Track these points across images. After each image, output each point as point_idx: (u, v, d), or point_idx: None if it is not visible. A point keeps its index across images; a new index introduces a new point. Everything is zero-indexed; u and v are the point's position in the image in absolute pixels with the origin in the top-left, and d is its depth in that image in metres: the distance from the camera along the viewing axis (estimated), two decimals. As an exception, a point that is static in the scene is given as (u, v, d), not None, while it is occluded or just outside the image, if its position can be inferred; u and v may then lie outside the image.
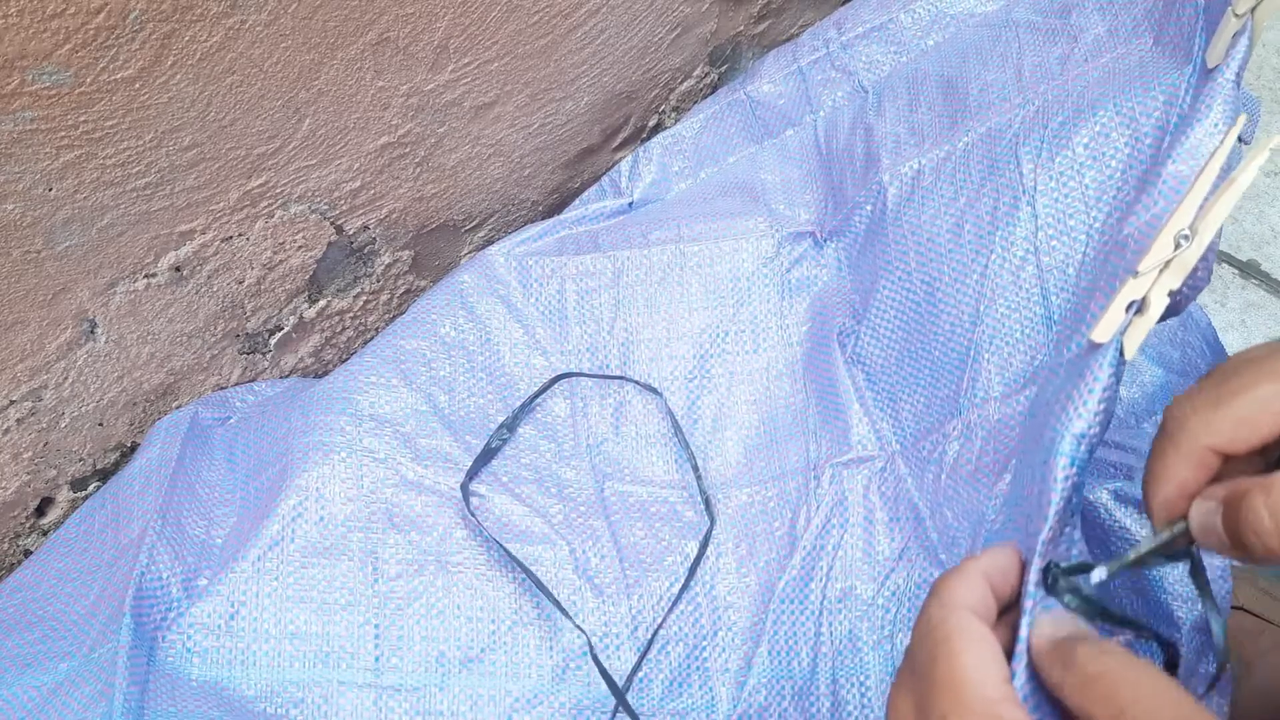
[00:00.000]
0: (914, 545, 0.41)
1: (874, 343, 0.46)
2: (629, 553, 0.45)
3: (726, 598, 0.44)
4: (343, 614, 0.42)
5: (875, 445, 0.45)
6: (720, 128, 0.58)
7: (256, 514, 0.44)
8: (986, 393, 0.40)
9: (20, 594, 0.43)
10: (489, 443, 0.48)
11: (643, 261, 0.53)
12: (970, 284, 0.41)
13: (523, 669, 0.41)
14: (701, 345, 0.51)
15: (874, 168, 0.48)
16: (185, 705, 0.38)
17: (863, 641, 0.40)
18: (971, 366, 0.41)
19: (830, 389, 0.47)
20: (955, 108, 0.46)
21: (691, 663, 0.42)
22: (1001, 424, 0.39)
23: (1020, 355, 0.39)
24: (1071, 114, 0.40)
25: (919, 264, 0.44)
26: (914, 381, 0.44)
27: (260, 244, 0.50)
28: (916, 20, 0.52)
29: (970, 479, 0.39)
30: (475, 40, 0.50)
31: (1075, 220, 0.38)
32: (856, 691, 0.39)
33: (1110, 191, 0.37)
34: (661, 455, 0.50)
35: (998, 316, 0.40)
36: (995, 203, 0.41)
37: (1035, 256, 0.39)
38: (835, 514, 0.43)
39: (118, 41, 0.37)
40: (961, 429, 0.40)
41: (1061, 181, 0.39)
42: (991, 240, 0.41)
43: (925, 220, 0.44)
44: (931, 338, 0.43)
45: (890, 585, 0.41)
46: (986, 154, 0.43)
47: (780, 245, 0.52)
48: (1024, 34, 0.45)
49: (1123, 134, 0.37)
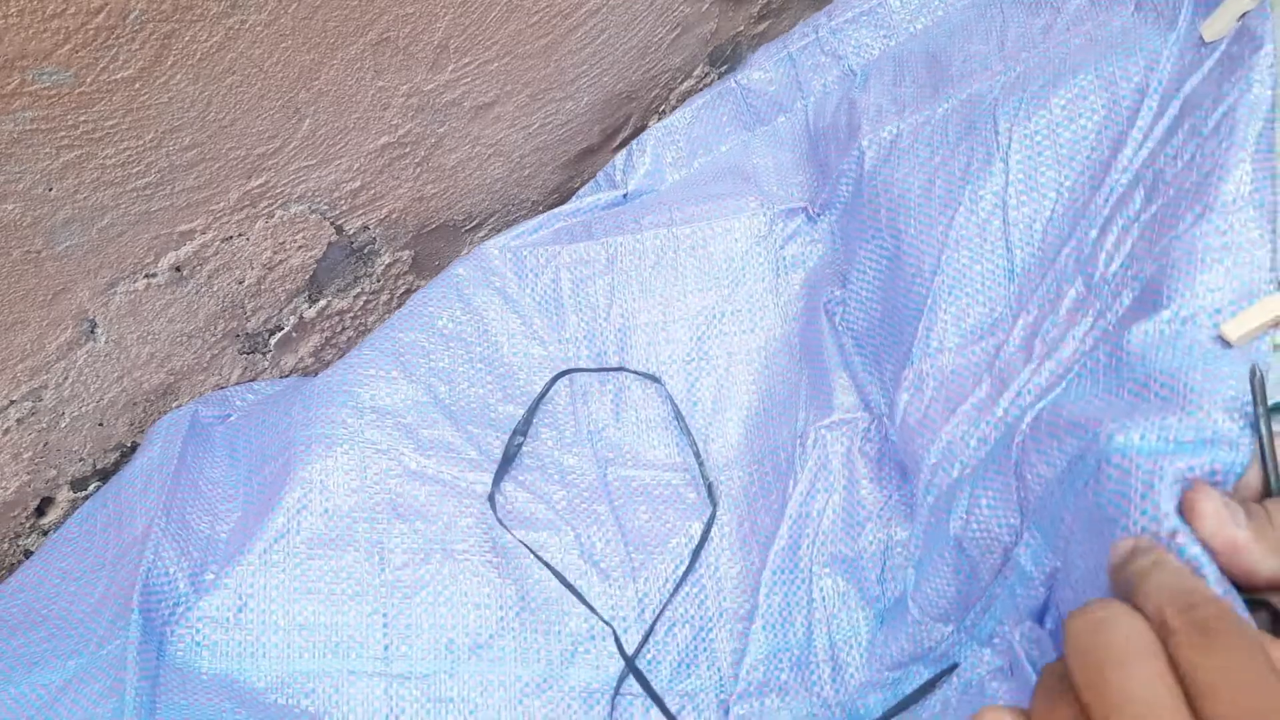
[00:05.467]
0: (895, 502, 0.41)
1: (859, 307, 0.46)
2: (633, 536, 0.45)
3: (730, 578, 0.44)
4: (351, 604, 0.42)
5: (859, 407, 0.45)
6: (712, 117, 0.59)
7: (261, 508, 0.44)
8: (941, 343, 0.40)
9: (24, 594, 0.43)
10: (507, 449, 0.48)
11: (636, 246, 0.53)
12: (934, 236, 0.41)
13: (531, 654, 0.41)
14: (698, 327, 0.52)
15: (854, 136, 0.48)
16: (196, 698, 0.38)
17: (854, 602, 0.40)
18: (927, 316, 0.40)
19: (818, 358, 0.48)
20: (937, 79, 0.46)
21: (698, 644, 0.43)
22: (954, 374, 0.38)
23: (978, 306, 0.39)
24: (1051, 77, 0.40)
25: (889, 220, 0.44)
26: (891, 340, 0.44)
27: (260, 244, 0.51)
28: (905, 4, 0.53)
29: (918, 427, 0.39)
30: (475, 40, 0.51)
31: (1046, 177, 0.39)
32: (856, 652, 0.39)
33: (1084, 151, 0.38)
34: (662, 439, 0.50)
35: (959, 267, 0.40)
36: (969, 160, 0.41)
37: (1003, 210, 0.39)
38: (819, 478, 0.43)
39: (118, 41, 0.38)
40: (913, 379, 0.40)
41: (1035, 140, 0.39)
42: (961, 194, 0.41)
43: (898, 179, 0.44)
44: (897, 291, 0.43)
45: (875, 544, 0.41)
46: (965, 117, 0.43)
47: (773, 222, 0.52)
48: (1009, 7, 0.45)
49: (1101, 96, 0.38)
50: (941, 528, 0.36)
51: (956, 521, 0.35)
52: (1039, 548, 0.31)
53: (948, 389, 0.38)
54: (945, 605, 0.36)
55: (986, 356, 0.38)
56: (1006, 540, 0.33)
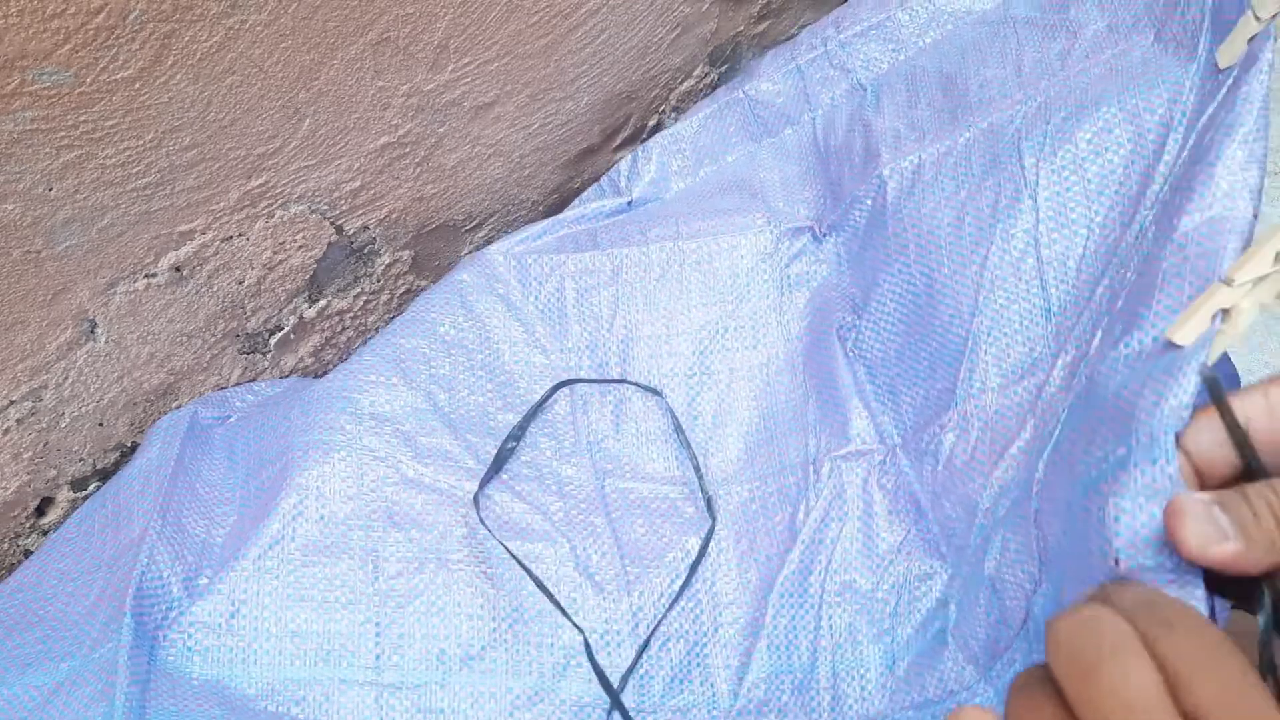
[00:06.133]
0: (914, 537, 0.41)
1: (875, 337, 0.46)
2: (629, 549, 0.45)
3: (727, 594, 0.44)
4: (343, 612, 0.42)
5: (875, 439, 0.45)
6: (719, 127, 0.58)
7: (257, 513, 0.44)
8: (984, 383, 0.40)
9: (20, 594, 0.43)
10: (499, 452, 0.48)
11: (641, 259, 0.53)
12: (969, 275, 0.41)
13: (524, 666, 0.41)
14: (701, 342, 0.51)
15: (873, 162, 0.48)
16: (186, 704, 0.38)
17: (862, 635, 0.40)
18: (969, 357, 0.41)
19: (830, 383, 0.47)
20: (955, 104, 0.46)
21: (692, 660, 0.42)
22: (999, 415, 0.39)
23: (1018, 346, 0.39)
24: (1074, 109, 0.40)
25: (919, 256, 0.44)
26: (914, 374, 0.44)
27: (260, 244, 0.50)
28: (914, 18, 0.52)
29: (965, 469, 0.39)
30: (475, 40, 0.50)
31: (1076, 213, 0.38)
32: (857, 685, 0.39)
33: (1113, 185, 0.38)
34: (662, 452, 0.50)
35: (996, 307, 0.40)
36: (996, 196, 0.41)
37: (1035, 249, 0.39)
38: (834, 507, 0.43)
39: (118, 41, 0.38)
40: (958, 420, 0.40)
41: (1063, 175, 0.39)
42: (992, 232, 0.41)
43: (926, 213, 0.44)
44: (930, 330, 0.43)
45: (890, 578, 0.41)
46: (988, 149, 0.43)
47: (779, 240, 0.52)
48: (1022, 30, 0.45)
49: (1126, 130, 0.38)
50: (980, 568, 0.36)
51: (991, 563, 0.35)
52: (1049, 599, 0.31)
53: (993, 430, 0.38)
54: (977, 648, 0.36)
55: (1029, 396, 0.38)
56: (1028, 588, 0.33)
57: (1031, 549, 0.33)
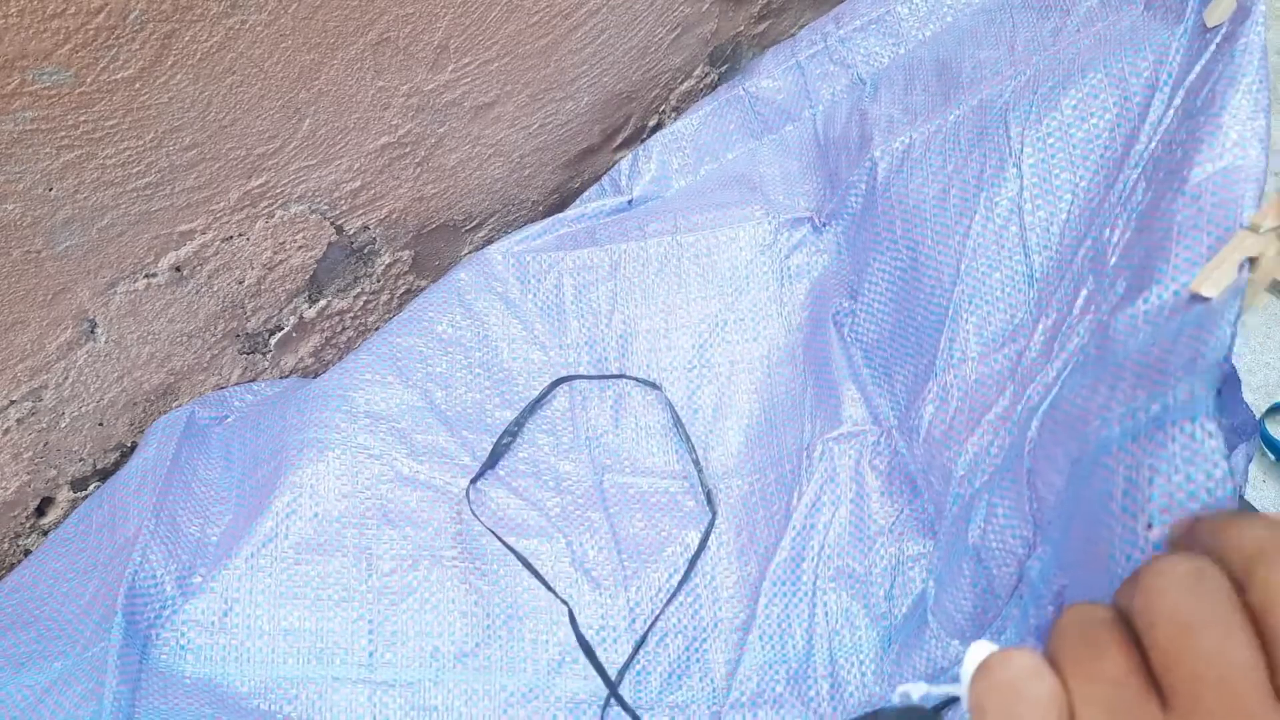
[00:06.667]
0: (907, 517, 0.40)
1: (869, 319, 0.46)
2: (627, 544, 0.44)
3: (728, 588, 0.43)
4: (336, 610, 0.41)
5: (868, 420, 0.44)
6: (719, 124, 0.58)
7: (251, 511, 0.44)
8: (964, 353, 0.39)
9: (17, 593, 0.43)
10: (495, 447, 0.48)
11: (639, 254, 0.53)
12: (952, 245, 0.41)
13: (518, 663, 0.41)
14: (700, 335, 0.51)
15: (866, 147, 0.48)
16: (178, 703, 0.37)
17: (859, 619, 0.39)
18: (949, 326, 0.40)
19: (825, 369, 0.47)
20: (948, 86, 0.46)
21: (691, 655, 0.41)
22: (978, 383, 0.38)
23: (1000, 314, 0.38)
24: (1061, 78, 0.39)
25: (905, 232, 0.44)
26: (904, 352, 0.43)
27: (260, 244, 0.51)
28: (914, 11, 0.52)
29: (943, 439, 0.38)
30: (475, 40, 0.51)
31: (1061, 179, 0.38)
32: (856, 670, 0.38)
33: (1098, 150, 0.37)
34: (661, 446, 0.49)
35: (978, 276, 0.39)
36: (982, 167, 0.41)
37: (1019, 215, 0.39)
38: (826, 490, 0.43)
39: (118, 41, 0.38)
40: (938, 391, 0.39)
41: (1048, 142, 0.39)
42: (976, 201, 0.40)
43: (912, 189, 0.44)
44: (915, 304, 0.43)
45: (883, 560, 0.40)
46: (976, 124, 0.42)
47: (778, 231, 0.52)
48: (1018, 13, 0.45)
49: (1111, 94, 0.37)
50: (961, 539, 0.35)
51: (975, 531, 0.34)
52: (1048, 562, 0.30)
53: (972, 399, 0.38)
54: (962, 621, 0.35)
55: (1009, 363, 0.37)
56: (1020, 553, 0.32)
57: (1025, 511, 0.32)
